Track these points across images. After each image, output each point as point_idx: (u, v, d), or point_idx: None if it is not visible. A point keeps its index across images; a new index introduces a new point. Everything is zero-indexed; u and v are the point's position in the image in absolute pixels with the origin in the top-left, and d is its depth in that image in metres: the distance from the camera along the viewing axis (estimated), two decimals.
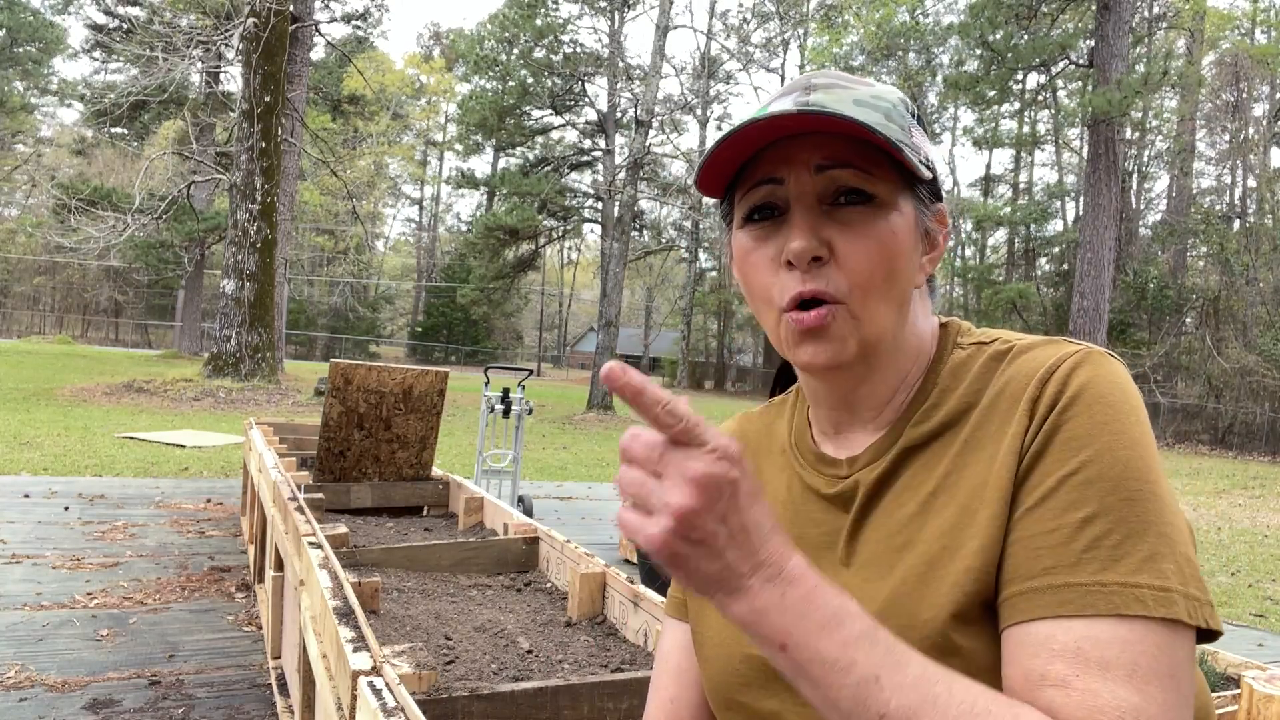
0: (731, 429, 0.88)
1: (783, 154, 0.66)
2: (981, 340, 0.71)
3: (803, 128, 0.65)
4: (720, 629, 0.76)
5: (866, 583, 0.66)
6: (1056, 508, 0.57)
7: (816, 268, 0.65)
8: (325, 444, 3.51)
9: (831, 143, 0.65)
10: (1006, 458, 0.61)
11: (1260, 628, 4.61)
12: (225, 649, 3.03)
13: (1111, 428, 0.58)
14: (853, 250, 0.65)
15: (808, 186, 0.66)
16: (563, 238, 30.81)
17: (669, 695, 0.83)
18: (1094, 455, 0.57)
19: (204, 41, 15.37)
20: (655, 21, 18.34)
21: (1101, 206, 17.46)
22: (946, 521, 0.62)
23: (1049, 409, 0.60)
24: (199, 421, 10.40)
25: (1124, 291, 22.86)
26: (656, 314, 50.65)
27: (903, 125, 0.68)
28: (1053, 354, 0.64)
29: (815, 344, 0.66)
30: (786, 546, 0.53)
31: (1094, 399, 0.59)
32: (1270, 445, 19.93)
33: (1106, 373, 0.61)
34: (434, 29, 55.91)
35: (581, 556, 2.12)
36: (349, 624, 1.34)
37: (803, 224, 0.65)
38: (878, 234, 0.65)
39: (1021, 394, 0.63)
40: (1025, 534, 0.58)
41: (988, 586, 0.59)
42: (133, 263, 32.75)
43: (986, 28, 18.95)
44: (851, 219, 0.65)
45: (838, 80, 0.70)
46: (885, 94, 0.70)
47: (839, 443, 0.74)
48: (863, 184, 0.65)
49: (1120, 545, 0.55)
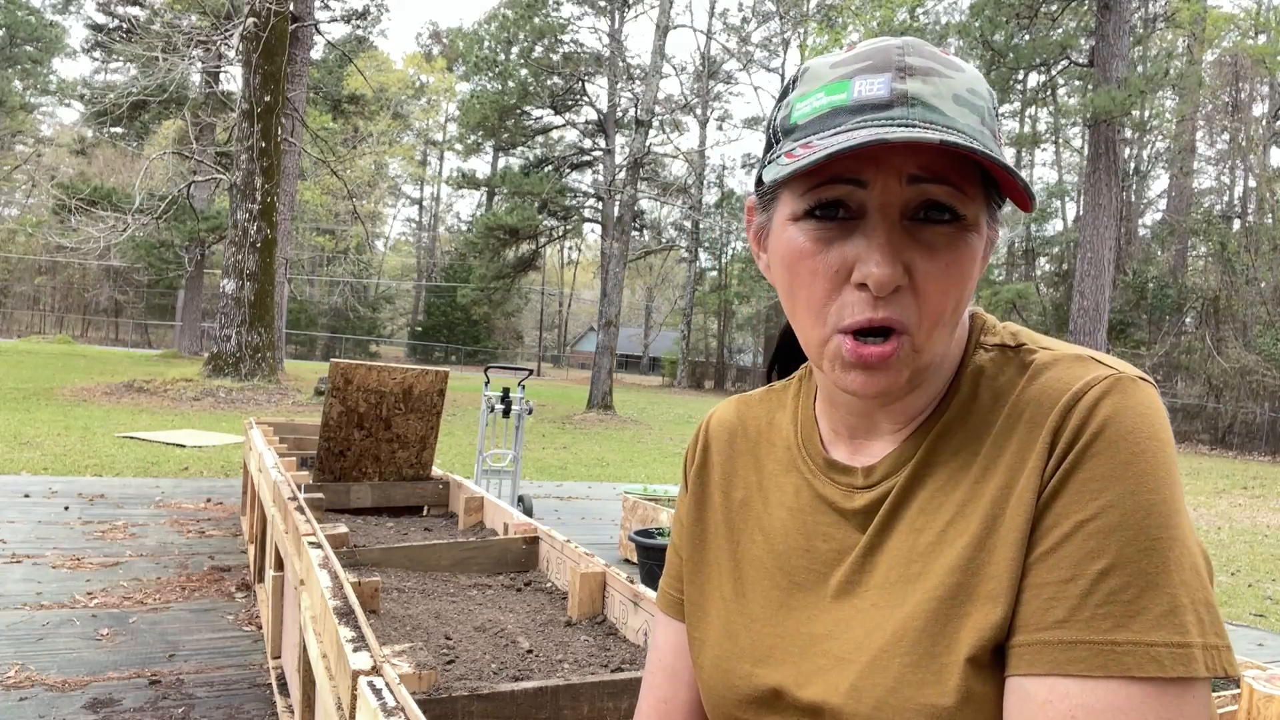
0: (729, 415, 0.82)
1: (873, 153, 0.58)
2: (1005, 343, 0.65)
3: (941, 152, 0.57)
4: (720, 640, 0.72)
5: (876, 609, 0.63)
6: (1073, 556, 0.54)
7: (892, 295, 0.58)
8: (325, 444, 3.52)
9: (928, 149, 0.57)
10: (1025, 494, 0.57)
11: (1260, 627, 4.61)
12: (225, 649, 3.03)
13: (1135, 469, 0.54)
14: (934, 278, 0.58)
15: (895, 197, 0.58)
16: (563, 237, 30.83)
17: (662, 696, 0.81)
18: (1115, 500, 0.54)
19: (204, 41, 15.37)
20: (655, 21, 18.34)
21: (1101, 206, 17.46)
22: (962, 556, 0.59)
23: (1070, 444, 0.56)
24: (199, 421, 10.40)
25: (1124, 291, 22.87)
26: (656, 314, 50.66)
27: (994, 131, 0.60)
28: (1078, 377, 0.58)
29: (870, 375, 0.60)
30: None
31: (1118, 435, 0.55)
32: (1270, 445, 19.94)
33: (1136, 404, 0.56)
34: (434, 28, 55.92)
35: (581, 556, 2.12)
36: (349, 624, 1.34)
37: (888, 246, 0.57)
38: (959, 261, 0.59)
39: (1043, 420, 0.58)
40: (1039, 580, 0.55)
41: (1004, 619, 0.56)
42: (133, 263, 32.77)
43: (987, 27, 18.94)
44: (936, 241, 0.58)
45: (932, 62, 0.59)
46: (978, 86, 0.60)
47: (852, 447, 0.70)
48: (957, 203, 0.58)
49: (1137, 600, 0.52)
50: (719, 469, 0.80)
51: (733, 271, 35.28)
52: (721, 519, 0.77)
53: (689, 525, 0.80)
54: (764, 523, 0.73)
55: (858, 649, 0.62)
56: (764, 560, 0.72)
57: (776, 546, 0.71)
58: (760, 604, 0.71)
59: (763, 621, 0.70)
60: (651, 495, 5.40)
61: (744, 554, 0.74)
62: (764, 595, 0.71)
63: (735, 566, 0.74)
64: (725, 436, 0.81)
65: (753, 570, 0.73)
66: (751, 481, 0.76)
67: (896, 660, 0.59)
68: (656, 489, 6.26)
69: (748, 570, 0.73)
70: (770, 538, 0.72)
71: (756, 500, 0.75)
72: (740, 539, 0.75)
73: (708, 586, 0.76)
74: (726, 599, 0.74)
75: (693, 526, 0.80)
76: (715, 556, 0.77)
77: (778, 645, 0.68)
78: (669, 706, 0.80)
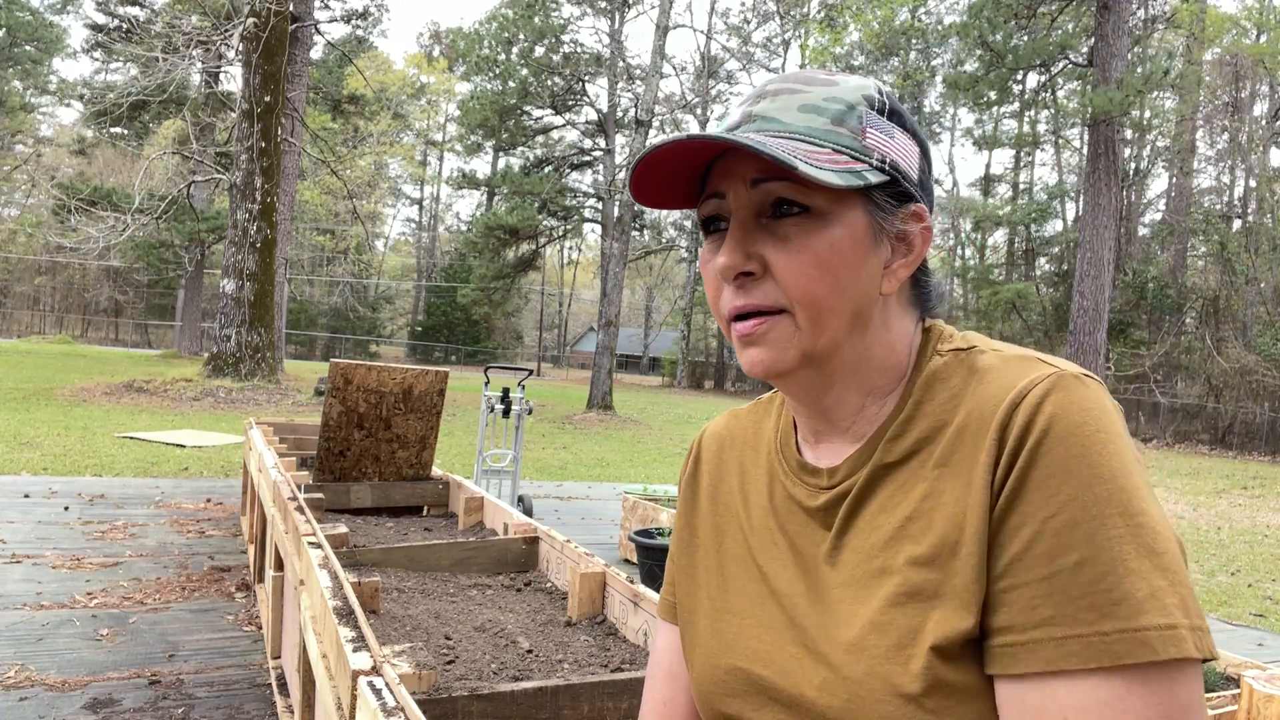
0: (720, 428, 0.87)
1: (725, 167, 0.67)
2: (959, 347, 0.68)
3: (717, 149, 0.66)
4: (707, 637, 0.75)
5: (842, 604, 0.65)
6: (1045, 554, 0.55)
7: (749, 282, 0.65)
8: (325, 444, 3.52)
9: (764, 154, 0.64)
10: (980, 492, 0.59)
11: (1260, 628, 4.61)
12: (225, 649, 3.03)
13: (1087, 460, 0.56)
14: (787, 264, 0.64)
15: (744, 200, 0.66)
16: (563, 237, 30.83)
17: (662, 698, 0.84)
18: (1074, 493, 0.55)
19: (204, 41, 15.37)
20: (655, 21, 18.34)
21: (1101, 206, 17.46)
22: (924, 552, 0.61)
23: (1019, 443, 0.58)
24: (199, 421, 10.40)
25: (1124, 291, 22.87)
26: (656, 314, 50.67)
27: (854, 129, 0.66)
28: (1022, 376, 0.61)
29: (754, 349, 0.66)
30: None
31: (1066, 431, 0.57)
32: (1270, 445, 19.94)
33: (1079, 399, 0.58)
34: (434, 29, 55.91)
35: (581, 556, 2.12)
36: (349, 624, 1.34)
37: (732, 240, 0.65)
38: (813, 247, 0.64)
39: (991, 418, 0.60)
40: (1018, 582, 0.56)
41: (970, 627, 0.58)
42: (133, 263, 32.78)
43: (986, 28, 18.94)
44: (787, 232, 0.64)
45: (793, 84, 0.68)
46: (844, 94, 0.67)
47: (820, 450, 0.73)
48: (796, 195, 0.64)
49: (1118, 587, 0.53)
50: (707, 477, 0.84)
51: None
52: (709, 523, 0.82)
53: (680, 532, 0.85)
54: (743, 521, 0.77)
55: (829, 643, 0.65)
56: (744, 556, 0.76)
57: (753, 542, 0.75)
58: (740, 597, 0.74)
59: (743, 615, 0.73)
60: (651, 495, 5.40)
61: (727, 553, 0.78)
62: (743, 589, 0.74)
63: (720, 566, 0.78)
64: (715, 447, 0.86)
65: (734, 567, 0.76)
66: (734, 485, 0.81)
67: (865, 654, 0.61)
68: (656, 489, 6.26)
69: (730, 568, 0.77)
70: (748, 535, 0.76)
71: (738, 501, 0.79)
72: (724, 539, 0.79)
73: (696, 588, 0.80)
74: (713, 598, 0.77)
75: (683, 532, 0.85)
76: (703, 559, 0.80)
77: (756, 636, 0.71)
78: (669, 709, 0.83)
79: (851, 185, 0.63)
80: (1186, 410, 22.35)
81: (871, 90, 0.68)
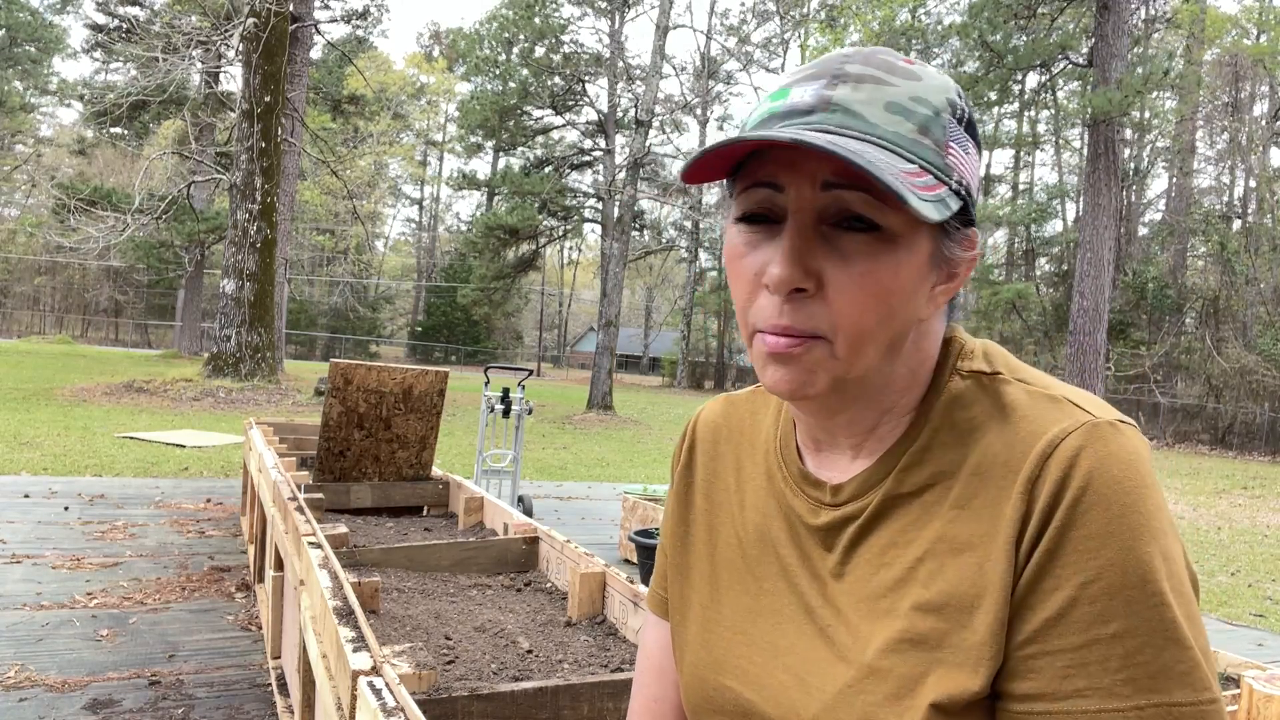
0: (715, 415, 0.82)
1: (789, 157, 0.58)
2: (982, 370, 0.63)
3: (810, 157, 0.57)
4: (698, 646, 0.73)
5: (841, 639, 0.62)
6: (1081, 621, 0.53)
7: (799, 299, 0.58)
8: (325, 444, 3.52)
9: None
10: (1004, 547, 0.56)
11: (1260, 627, 4.61)
12: (225, 649, 3.03)
13: (1128, 522, 0.53)
14: (845, 287, 0.57)
15: (808, 202, 0.57)
16: (563, 238, 30.82)
17: (652, 695, 0.82)
18: (1114, 558, 0.53)
19: (204, 42, 15.37)
20: (655, 21, 18.35)
21: (1101, 206, 17.46)
22: (934, 599, 0.58)
23: (1053, 499, 0.54)
24: (199, 421, 10.40)
25: (1124, 291, 22.87)
26: (656, 314, 50.67)
27: (939, 141, 0.58)
28: (1053, 422, 0.57)
29: (781, 369, 0.59)
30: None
31: (1105, 489, 0.53)
32: (1270, 445, 19.94)
33: (1117, 451, 0.55)
34: (434, 29, 55.93)
35: (581, 556, 2.12)
36: (349, 624, 1.34)
37: (791, 251, 0.57)
38: (877, 273, 0.57)
39: (1019, 467, 0.56)
40: (1050, 648, 0.54)
41: (982, 689, 0.55)
42: (133, 263, 32.77)
43: (986, 28, 18.94)
44: (851, 250, 0.57)
45: (875, 71, 0.59)
46: (929, 94, 0.59)
47: (820, 459, 0.69)
48: (871, 212, 0.56)
49: (1156, 659, 0.51)
50: (702, 470, 0.80)
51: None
52: (703, 521, 0.78)
53: (674, 525, 0.81)
54: (738, 526, 0.74)
55: (822, 678, 0.62)
56: (737, 564, 0.73)
57: (749, 551, 0.72)
58: (732, 610, 0.72)
59: (733, 629, 0.71)
60: (651, 495, 5.40)
61: (720, 557, 0.75)
62: (735, 601, 0.72)
63: (712, 570, 0.75)
64: (710, 436, 0.81)
65: (727, 574, 0.73)
66: (730, 483, 0.77)
67: (861, 698, 0.59)
68: (656, 489, 6.26)
69: (723, 574, 0.74)
70: (743, 542, 0.73)
71: (734, 502, 0.75)
72: (718, 542, 0.75)
73: (688, 590, 0.77)
74: (704, 604, 0.75)
75: (676, 527, 0.81)
76: (696, 560, 0.77)
77: (745, 655, 0.69)
78: (659, 706, 0.81)
79: (943, 218, 0.56)
80: (1186, 410, 22.35)
81: (953, 94, 0.61)
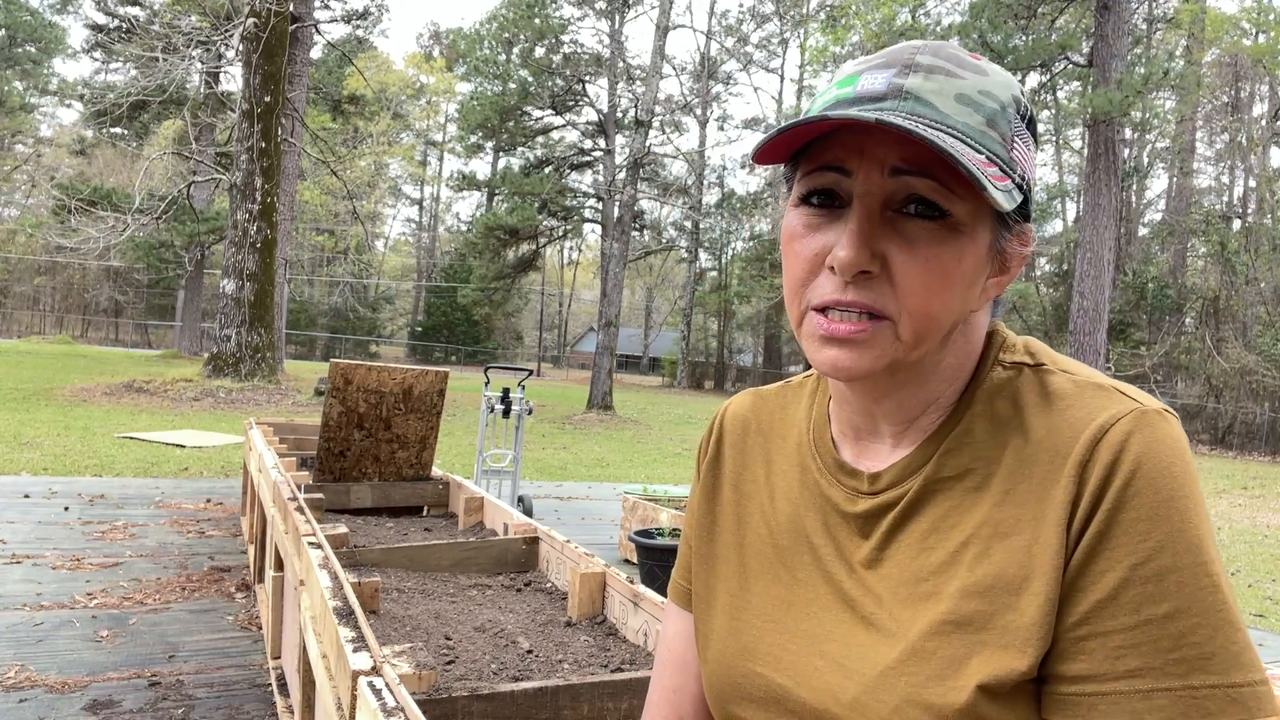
0: (743, 408, 0.82)
1: (858, 142, 0.59)
2: (1024, 362, 0.64)
3: (903, 141, 0.58)
4: (724, 636, 0.72)
5: (882, 623, 0.62)
6: (1133, 601, 0.53)
7: (863, 280, 0.59)
8: (325, 444, 3.51)
9: (915, 141, 0.57)
10: (1055, 529, 0.56)
11: (1260, 627, 4.61)
12: (225, 649, 3.03)
13: (1177, 506, 0.54)
14: (910, 271, 0.58)
15: (876, 187, 0.59)
16: (563, 238, 30.82)
17: (672, 685, 0.81)
18: (1164, 540, 0.53)
19: (204, 42, 15.37)
20: (655, 22, 18.35)
21: (1101, 206, 17.46)
22: (980, 582, 0.58)
23: (1103, 483, 0.55)
24: (199, 421, 10.40)
25: (1124, 291, 22.87)
26: (656, 314, 50.66)
27: (1005, 135, 0.60)
28: (1101, 409, 0.58)
29: (842, 350, 0.60)
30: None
31: (1155, 473, 0.54)
32: (1270, 445, 19.95)
33: (1164, 438, 0.56)
34: (434, 29, 55.94)
35: (581, 556, 2.12)
36: (349, 624, 1.34)
37: (858, 232, 0.58)
38: (941, 259, 0.58)
39: (1068, 452, 0.57)
40: (1102, 629, 0.54)
41: (1030, 669, 0.55)
42: (133, 263, 32.78)
43: (986, 28, 18.94)
44: (917, 235, 0.58)
45: (945, 62, 0.60)
46: (996, 89, 0.60)
47: (859, 449, 0.69)
48: (940, 199, 0.58)
49: (1210, 640, 0.52)
50: (731, 462, 0.80)
51: (733, 272, 35.26)
52: (731, 512, 0.77)
53: (699, 517, 0.80)
54: (769, 517, 0.73)
55: (863, 661, 0.62)
56: (768, 554, 0.72)
57: (780, 542, 0.72)
58: (762, 599, 0.71)
59: (764, 617, 0.70)
60: (651, 495, 5.40)
61: (749, 548, 0.74)
62: (766, 590, 0.71)
63: (741, 560, 0.75)
64: (739, 429, 0.81)
65: (757, 564, 0.73)
66: (760, 476, 0.76)
67: (904, 679, 0.59)
68: (656, 489, 6.26)
69: (752, 564, 0.73)
70: (774, 533, 0.72)
71: (764, 494, 0.75)
72: (746, 533, 0.75)
73: (715, 580, 0.76)
74: (732, 593, 0.74)
75: (703, 518, 0.80)
76: (723, 551, 0.77)
77: (778, 643, 0.68)
78: (679, 696, 0.80)
79: (1012, 207, 0.58)
80: (1186, 410, 22.35)
81: (1017, 90, 0.63)
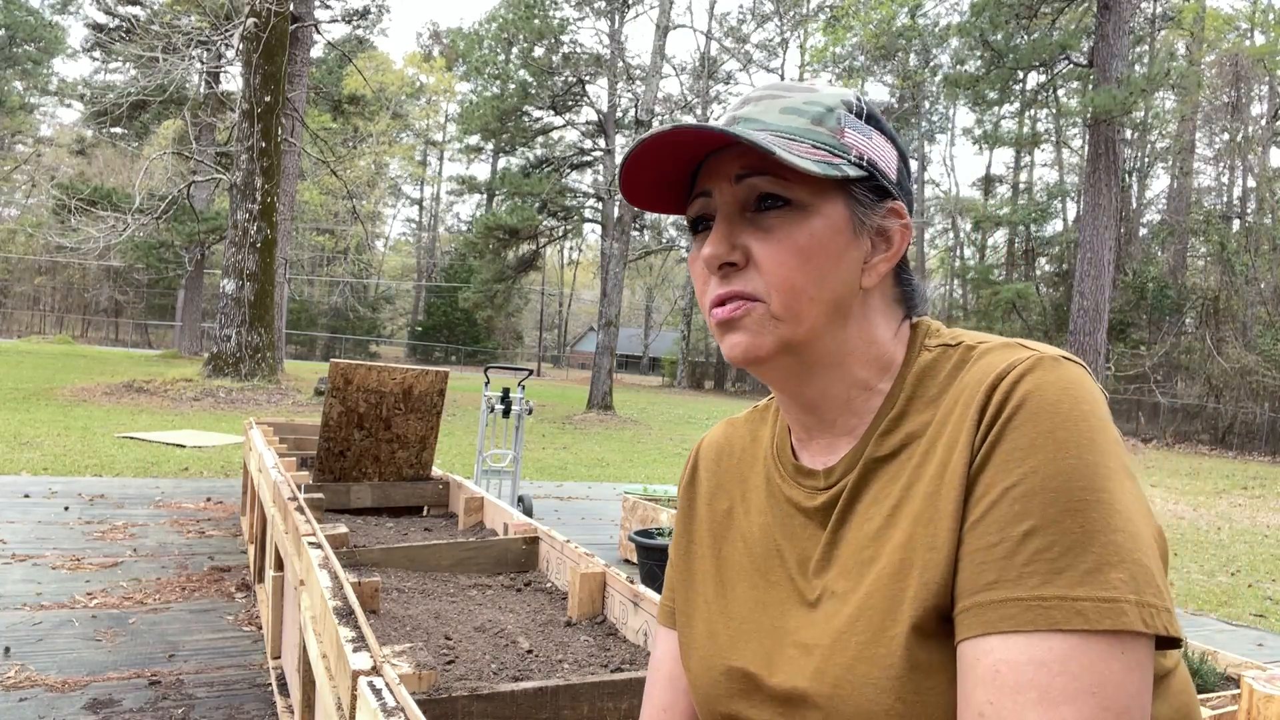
0: (718, 437, 0.88)
1: (711, 167, 0.70)
2: (947, 342, 0.70)
3: (700, 142, 0.68)
4: (704, 639, 0.76)
5: (836, 597, 0.66)
6: (1000, 520, 0.57)
7: (733, 272, 0.68)
8: (325, 444, 3.51)
9: (750, 152, 0.67)
10: (957, 467, 0.60)
11: (1260, 628, 4.61)
12: (225, 649, 3.03)
13: (1056, 436, 0.57)
14: (768, 254, 0.67)
15: (729, 196, 0.69)
16: (563, 238, 30.81)
17: (662, 704, 0.84)
18: (1036, 466, 0.56)
19: (204, 42, 15.37)
20: (655, 22, 18.34)
21: (1101, 206, 17.46)
22: (905, 534, 0.62)
23: (994, 418, 0.59)
24: (199, 421, 10.40)
25: (1124, 291, 22.85)
26: (656, 314, 50.66)
27: (833, 128, 0.69)
28: (1004, 359, 0.63)
29: (733, 334, 0.68)
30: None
31: (1039, 407, 0.58)
32: (1270, 445, 19.94)
33: (1056, 378, 0.59)
34: (433, 28, 55.92)
35: (581, 556, 2.12)
36: (349, 624, 1.34)
37: (717, 233, 0.68)
38: (794, 236, 0.66)
39: (973, 401, 0.62)
40: (971, 548, 0.58)
41: (944, 600, 0.59)
42: (133, 263, 32.76)
43: (987, 28, 18.94)
44: (770, 224, 0.67)
45: (773, 90, 0.71)
46: (823, 98, 0.70)
47: (814, 451, 0.74)
48: (778, 189, 0.67)
49: (1062, 557, 0.54)
50: (705, 484, 0.86)
51: None
52: (706, 529, 0.83)
53: (678, 538, 0.86)
54: (744, 530, 0.78)
55: (821, 635, 0.65)
56: (743, 564, 0.76)
57: (754, 550, 0.76)
58: (738, 604, 0.75)
59: (741, 620, 0.74)
60: (651, 495, 5.40)
61: (725, 560, 0.79)
62: (742, 596, 0.75)
63: (718, 572, 0.79)
64: (713, 455, 0.87)
65: (733, 574, 0.77)
66: (735, 494, 0.82)
67: (853, 639, 0.62)
68: (656, 489, 6.26)
69: (729, 575, 0.78)
70: (749, 543, 0.77)
71: (740, 510, 0.80)
72: (723, 546, 0.80)
73: (694, 594, 0.81)
74: (709, 602, 0.78)
75: (680, 538, 0.86)
76: (700, 565, 0.81)
77: (754, 639, 0.72)
78: (669, 714, 0.84)
79: (829, 174, 0.66)
80: (1186, 410, 22.35)
81: (850, 96, 0.72)
